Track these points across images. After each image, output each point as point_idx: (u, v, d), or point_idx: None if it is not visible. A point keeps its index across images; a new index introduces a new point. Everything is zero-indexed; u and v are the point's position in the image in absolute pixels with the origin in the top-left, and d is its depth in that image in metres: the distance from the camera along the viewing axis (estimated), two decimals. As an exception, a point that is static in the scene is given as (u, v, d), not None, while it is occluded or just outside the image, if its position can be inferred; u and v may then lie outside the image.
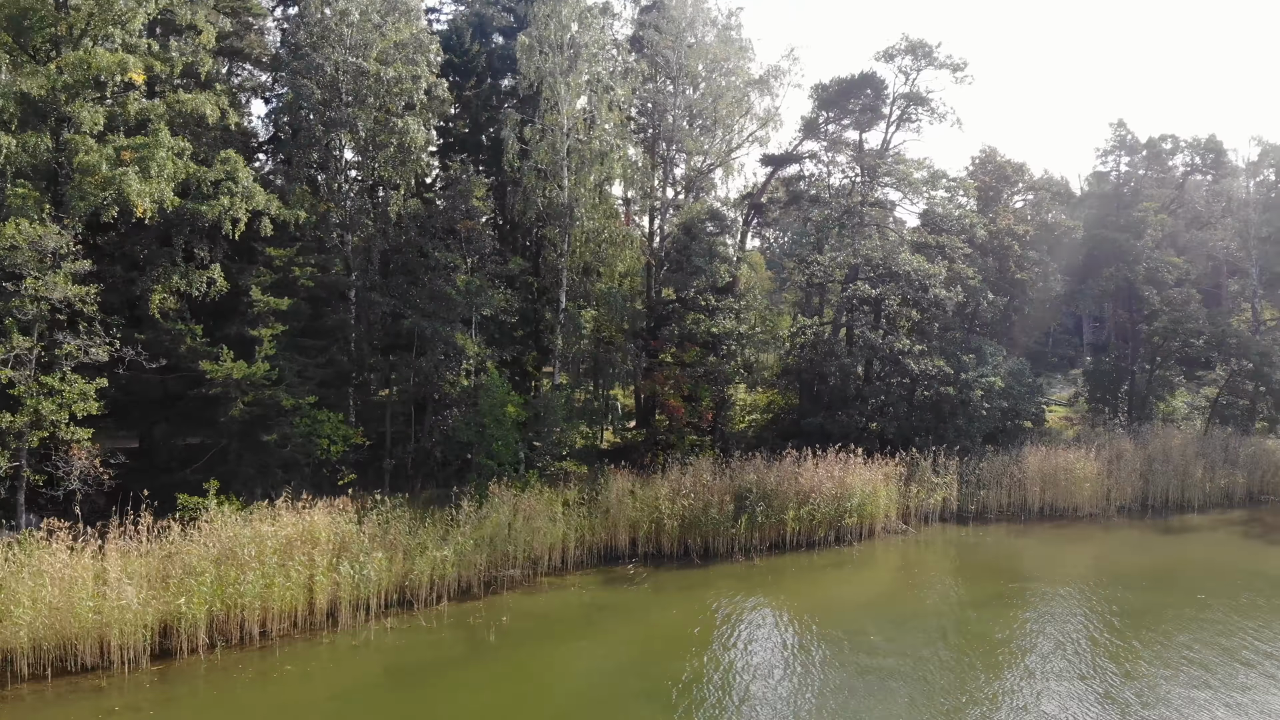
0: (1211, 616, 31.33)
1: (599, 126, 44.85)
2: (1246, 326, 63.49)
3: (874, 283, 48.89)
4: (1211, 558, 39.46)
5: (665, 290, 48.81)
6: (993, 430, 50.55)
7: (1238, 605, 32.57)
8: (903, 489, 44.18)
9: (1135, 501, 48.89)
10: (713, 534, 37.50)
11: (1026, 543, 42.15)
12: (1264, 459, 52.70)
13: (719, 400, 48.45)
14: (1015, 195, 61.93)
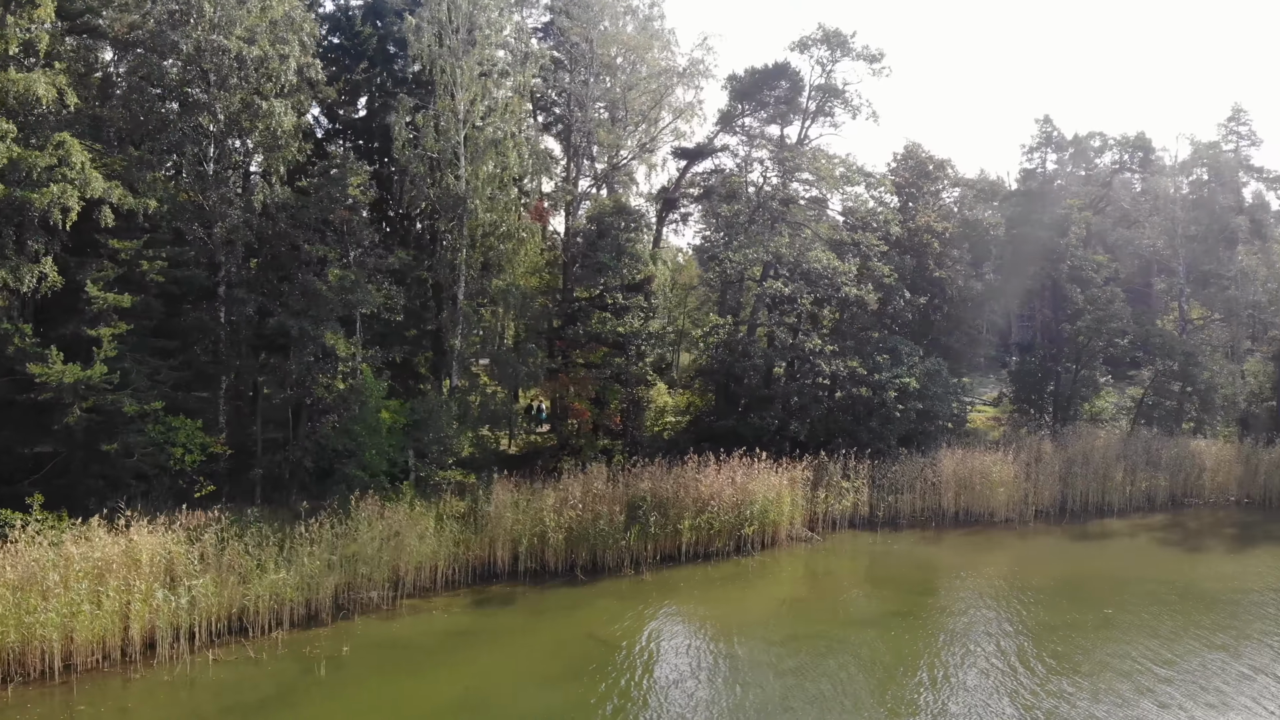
0: (1114, 636, 28.92)
1: (496, 113, 41.76)
2: (1174, 326, 61.88)
3: (787, 281, 46.24)
4: (1124, 567, 37.15)
5: (580, 290, 45.88)
6: (910, 432, 48.15)
7: (1142, 621, 30.21)
8: (810, 494, 41.57)
9: (1053, 506, 46.71)
10: (601, 547, 34.53)
11: (935, 551, 39.67)
12: (1187, 461, 50.75)
13: (630, 403, 45.54)
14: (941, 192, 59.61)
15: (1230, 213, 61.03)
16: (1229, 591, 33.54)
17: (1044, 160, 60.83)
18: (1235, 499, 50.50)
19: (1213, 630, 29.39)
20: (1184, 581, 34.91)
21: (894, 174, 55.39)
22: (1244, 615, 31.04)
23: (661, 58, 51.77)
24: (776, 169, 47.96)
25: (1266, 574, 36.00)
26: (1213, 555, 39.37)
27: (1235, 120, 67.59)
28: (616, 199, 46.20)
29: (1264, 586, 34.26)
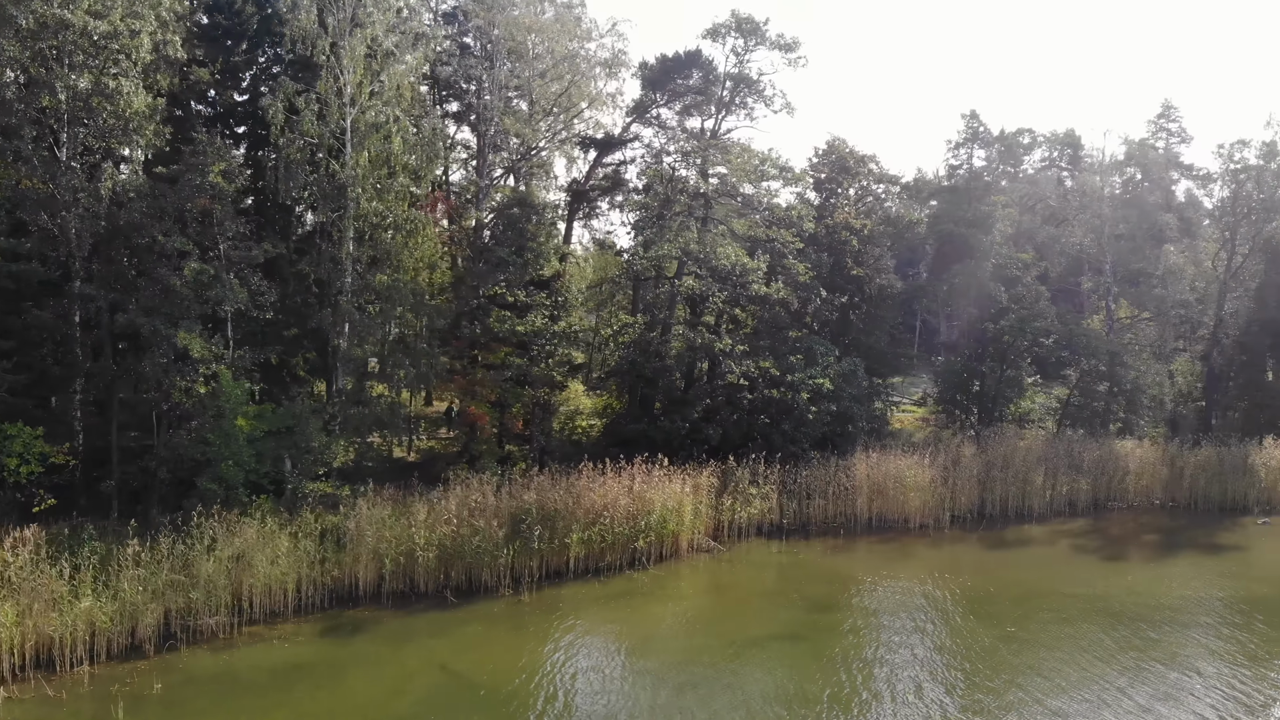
0: (1009, 659, 26.63)
1: (381, 96, 38.68)
2: (1103, 325, 60.20)
3: (699, 278, 43.65)
4: (1035, 578, 34.90)
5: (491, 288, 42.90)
6: (828, 435, 45.80)
7: (1042, 641, 27.96)
8: (715, 502, 39.01)
9: (971, 511, 44.59)
10: (477, 565, 31.61)
11: (842, 561, 37.25)
12: (1110, 464, 48.86)
13: (536, 406, 42.67)
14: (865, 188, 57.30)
15: (1158, 210, 59.51)
16: (1138, 607, 31.38)
17: (970, 156, 58.75)
18: (1160, 502, 48.73)
19: (1116, 652, 27.20)
20: (1093, 594, 32.72)
21: (814, 169, 53.04)
22: (1148, 633, 28.86)
23: (576, 45, 49.00)
24: (685, 161, 45.22)
25: (1178, 586, 33.93)
26: (1127, 564, 37.31)
27: (1165, 117, 66.34)
28: (518, 191, 43.23)
29: (1174, 600, 32.18)
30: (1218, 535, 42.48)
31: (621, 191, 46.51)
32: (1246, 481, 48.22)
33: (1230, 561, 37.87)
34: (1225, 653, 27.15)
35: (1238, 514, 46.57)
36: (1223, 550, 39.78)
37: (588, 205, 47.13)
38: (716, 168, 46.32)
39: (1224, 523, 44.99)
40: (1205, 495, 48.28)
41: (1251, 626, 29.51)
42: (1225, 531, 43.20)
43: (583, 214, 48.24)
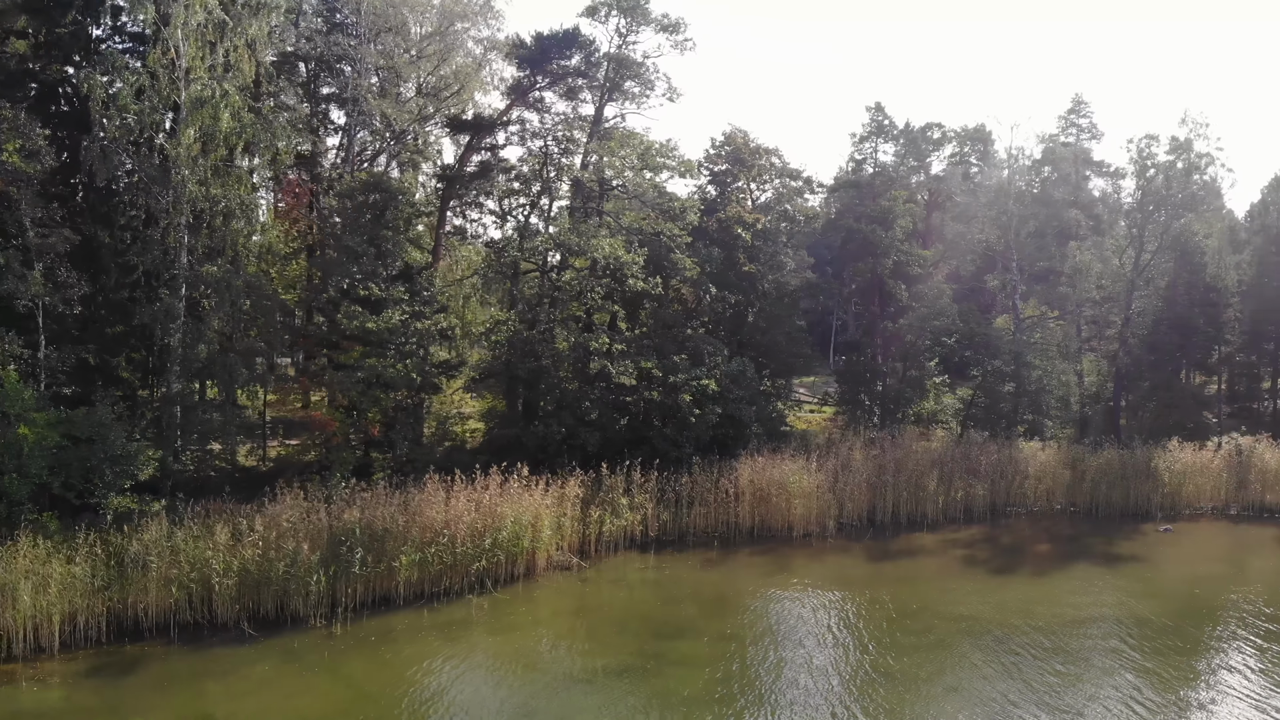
0: (876, 698, 23.42)
1: (210, 69, 34.46)
2: (1011, 324, 57.61)
3: (575, 271, 40.05)
4: (914, 594, 31.71)
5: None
6: (719, 438, 42.49)
7: (907, 671, 24.73)
8: (581, 514, 35.44)
9: (860, 518, 41.57)
10: (286, 594, 27.63)
11: (712, 576, 33.83)
12: (1009, 467, 46.16)
13: (399, 410, 38.72)
14: (764, 182, 53.99)
15: (1066, 207, 57.08)
16: (1011, 630, 28.33)
17: (875, 150, 55.72)
18: (1061, 507, 46.14)
19: (982, 682, 24.15)
20: (973, 615, 29.62)
21: (710, 161, 49.63)
22: (1013, 661, 25.85)
23: (454, 24, 45.10)
24: (561, 146, 41.47)
25: (1065, 602, 30.93)
26: (1014, 578, 34.38)
27: (1076, 113, 64.00)
28: (374, 175, 39.20)
29: (1058, 620, 29.10)
30: (1116, 544, 39.79)
31: (490, 178, 42.54)
32: (1150, 486, 45.78)
33: (1124, 574, 35.06)
34: (1105, 694, 24.05)
35: (1140, 520, 44.06)
36: (1118, 561, 37.02)
37: (461, 193, 43.16)
38: (598, 155, 42.75)
39: (1124, 530, 42.40)
40: (1107, 500, 45.70)
41: (1136, 652, 26.59)
42: (1124, 540, 40.56)
43: (459, 203, 44.22)
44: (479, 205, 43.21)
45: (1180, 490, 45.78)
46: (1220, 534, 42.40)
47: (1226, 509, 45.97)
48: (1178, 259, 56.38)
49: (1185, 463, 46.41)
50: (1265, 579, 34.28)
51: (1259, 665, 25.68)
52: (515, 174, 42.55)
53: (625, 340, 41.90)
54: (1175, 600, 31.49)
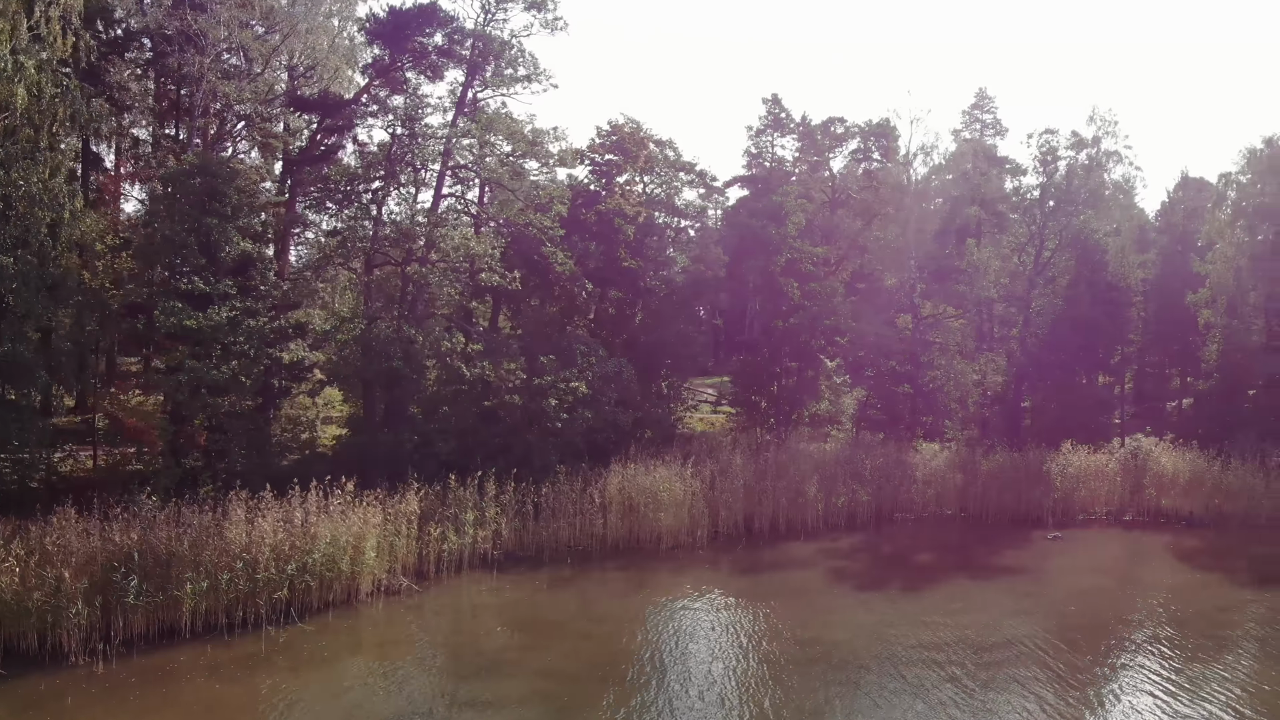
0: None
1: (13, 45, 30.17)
2: (910, 323, 55.04)
3: (423, 263, 36.35)
4: (766, 617, 28.42)
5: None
6: (597, 444, 39.19)
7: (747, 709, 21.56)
8: (419, 531, 31.75)
9: (738, 527, 38.48)
10: (44, 627, 23.60)
11: (558, 598, 30.28)
12: (897, 471, 43.42)
13: (233, 417, 34.64)
14: (657, 175, 50.69)
15: (965, 203, 54.68)
16: (858, 659, 25.35)
17: (772, 144, 52.78)
18: (952, 513, 43.56)
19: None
20: (820, 637, 26.38)
21: (594, 151, 46.19)
22: (849, 700, 22.80)
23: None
24: (420, 131, 37.63)
25: (924, 624, 27.63)
26: (883, 594, 31.38)
27: (980, 108, 61.73)
28: (201, 156, 35.04)
29: (913, 648, 25.98)
30: (1000, 553, 37.16)
31: (334, 163, 38.61)
32: (1041, 491, 43.32)
33: (1001, 588, 32.25)
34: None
35: (1031, 526, 41.43)
36: (999, 573, 34.28)
37: (308, 179, 39.13)
38: (459, 139, 39.07)
39: (1013, 537, 39.82)
40: (999, 506, 43.16)
41: (983, 689, 23.67)
42: (1010, 548, 37.94)
43: (307, 191, 40.15)
44: (331, 192, 39.18)
45: (1074, 495, 43.32)
46: (1110, 542, 39.99)
47: (1122, 514, 43.64)
48: (1079, 257, 54.22)
49: (1079, 466, 44.04)
50: (1146, 593, 31.70)
51: (1125, 701, 22.89)
52: (369, 159, 38.63)
53: (487, 339, 38.39)
54: (1050, 619, 28.66)
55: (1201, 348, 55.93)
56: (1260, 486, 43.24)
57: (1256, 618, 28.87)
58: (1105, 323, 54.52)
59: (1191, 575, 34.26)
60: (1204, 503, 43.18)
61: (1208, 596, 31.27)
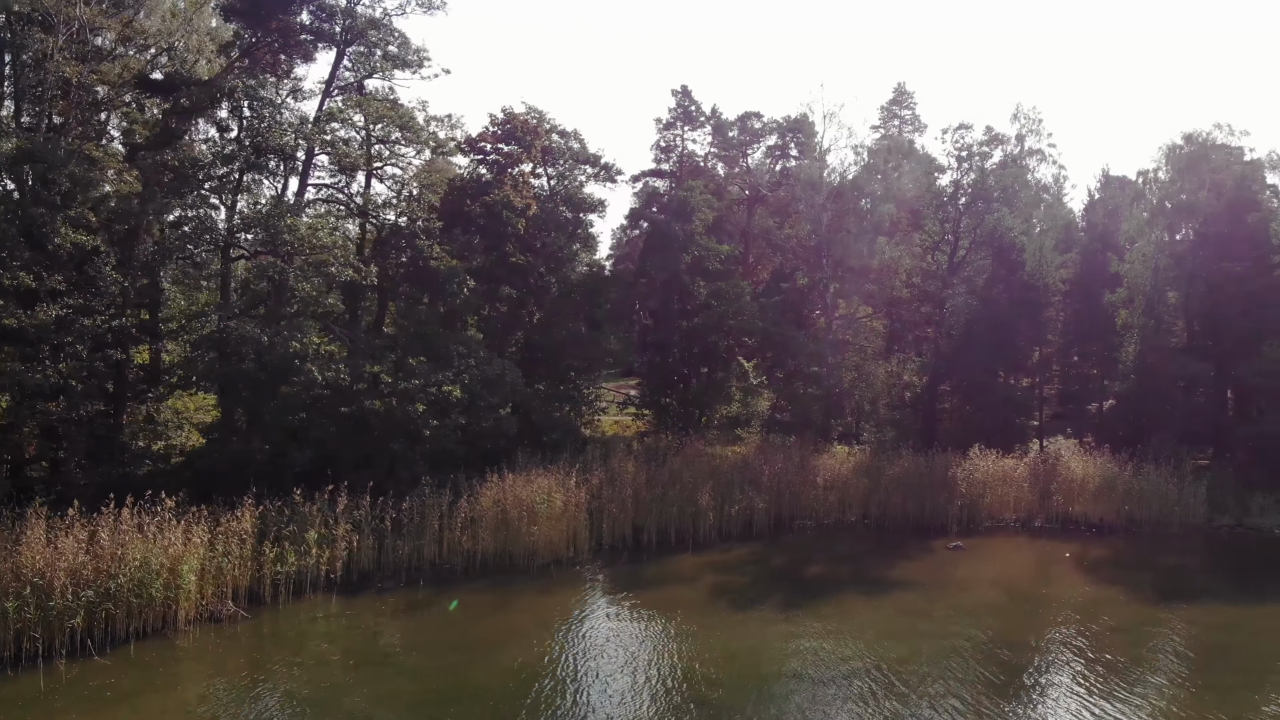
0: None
1: None
2: (825, 323, 52.74)
3: (276, 255, 33.13)
4: (623, 645, 25.66)
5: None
6: (484, 452, 36.25)
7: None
8: (254, 552, 28.53)
9: (625, 539, 35.73)
10: None
11: (398, 626, 26.94)
12: (798, 478, 40.97)
13: (73, 425, 31.22)
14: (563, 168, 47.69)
15: (879, 200, 52.45)
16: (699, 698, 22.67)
17: (681, 138, 50.12)
18: (856, 520, 41.19)
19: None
20: (658, 675, 23.65)
21: (486, 140, 43.15)
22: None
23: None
24: (259, 113, 34.33)
25: (794, 651, 24.96)
26: (758, 614, 28.44)
27: (898, 103, 59.56)
28: (28, 138, 31.54)
29: (764, 681, 23.54)
30: (895, 565, 34.68)
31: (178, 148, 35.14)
32: (946, 497, 41.06)
33: (887, 605, 29.60)
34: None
35: (935, 534, 39.16)
36: (888, 588, 31.63)
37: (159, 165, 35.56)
38: (333, 123, 35.92)
39: (912, 547, 37.44)
40: (902, 513, 40.89)
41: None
42: (906, 560, 35.51)
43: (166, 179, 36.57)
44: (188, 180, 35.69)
45: (981, 501, 41.11)
46: (1014, 552, 37.70)
47: (1031, 522, 41.49)
48: (995, 256, 52.19)
49: (986, 472, 41.85)
50: (1038, 611, 29.28)
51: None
52: (222, 145, 35.22)
53: (353, 340, 35.28)
54: (925, 641, 26.07)
55: (1120, 348, 54.27)
56: (1173, 493, 41.33)
57: (1151, 639, 26.61)
58: (1022, 323, 52.60)
59: (1092, 589, 31.98)
60: (1115, 509, 41.19)
61: (1105, 614, 28.91)
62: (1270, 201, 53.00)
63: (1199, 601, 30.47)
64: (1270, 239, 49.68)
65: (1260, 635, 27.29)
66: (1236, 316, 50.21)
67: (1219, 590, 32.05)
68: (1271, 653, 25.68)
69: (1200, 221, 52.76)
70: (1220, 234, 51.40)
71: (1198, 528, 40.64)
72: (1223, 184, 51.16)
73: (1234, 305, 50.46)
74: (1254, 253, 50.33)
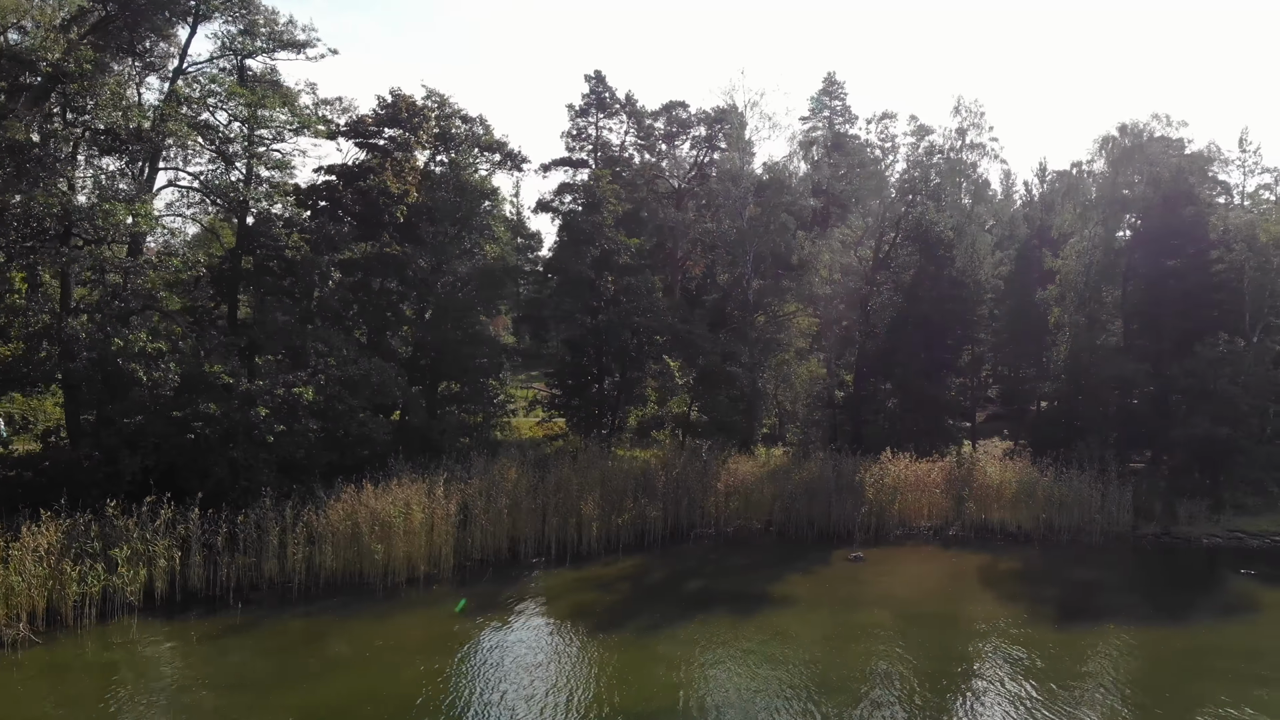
0: None
1: None
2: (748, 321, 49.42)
3: (98, 244, 29.71)
4: (445, 685, 22.61)
5: None
6: (356, 460, 32.95)
7: None
8: (53, 570, 25.15)
9: (499, 554, 32.44)
10: None
11: (198, 658, 23.62)
12: (695, 484, 37.80)
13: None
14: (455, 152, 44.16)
15: (802, 194, 49.33)
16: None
17: (595, 125, 46.84)
18: (762, 526, 38.05)
19: None
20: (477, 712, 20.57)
21: (367, 123, 39.75)
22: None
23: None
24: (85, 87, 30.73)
25: (639, 684, 21.94)
26: (610, 641, 25.07)
27: (828, 94, 56.42)
28: None
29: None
30: (785, 579, 31.40)
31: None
32: (853, 504, 37.96)
33: (757, 628, 26.04)
34: None
35: (840, 544, 36.05)
36: (769, 606, 28.28)
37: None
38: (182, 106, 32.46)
39: (810, 557, 34.25)
40: (809, 520, 37.77)
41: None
42: (799, 573, 32.28)
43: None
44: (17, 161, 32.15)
45: (887, 510, 37.99)
46: (917, 563, 34.51)
47: (946, 530, 38.40)
48: (922, 250, 49.12)
49: (897, 476, 38.76)
50: (924, 633, 26.06)
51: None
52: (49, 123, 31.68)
53: (200, 338, 31.89)
54: (782, 670, 22.85)
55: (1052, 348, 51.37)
56: (1096, 499, 38.33)
57: (1036, 670, 23.49)
58: (952, 321, 49.58)
59: (989, 607, 28.87)
60: (1034, 517, 38.14)
61: (995, 637, 25.87)
62: (1209, 194, 50.11)
63: (1103, 621, 27.43)
64: (1208, 233, 46.75)
65: (1162, 662, 24.27)
66: (1173, 315, 47.36)
67: (1128, 608, 28.97)
68: (1168, 683, 22.63)
69: (1137, 216, 49.89)
70: (1157, 229, 48.53)
71: (1122, 537, 37.65)
72: (1160, 177, 48.23)
73: (1171, 303, 47.62)
74: (1191, 248, 47.42)
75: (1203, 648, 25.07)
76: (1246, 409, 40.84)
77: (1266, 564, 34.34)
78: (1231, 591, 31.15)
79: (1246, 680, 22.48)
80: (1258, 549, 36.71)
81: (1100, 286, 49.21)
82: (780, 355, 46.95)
